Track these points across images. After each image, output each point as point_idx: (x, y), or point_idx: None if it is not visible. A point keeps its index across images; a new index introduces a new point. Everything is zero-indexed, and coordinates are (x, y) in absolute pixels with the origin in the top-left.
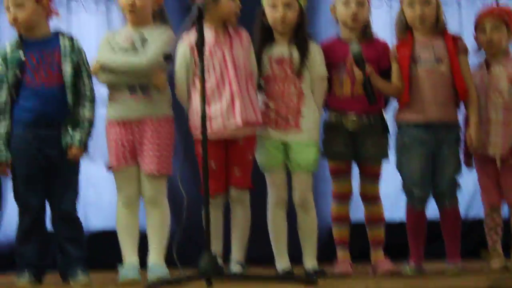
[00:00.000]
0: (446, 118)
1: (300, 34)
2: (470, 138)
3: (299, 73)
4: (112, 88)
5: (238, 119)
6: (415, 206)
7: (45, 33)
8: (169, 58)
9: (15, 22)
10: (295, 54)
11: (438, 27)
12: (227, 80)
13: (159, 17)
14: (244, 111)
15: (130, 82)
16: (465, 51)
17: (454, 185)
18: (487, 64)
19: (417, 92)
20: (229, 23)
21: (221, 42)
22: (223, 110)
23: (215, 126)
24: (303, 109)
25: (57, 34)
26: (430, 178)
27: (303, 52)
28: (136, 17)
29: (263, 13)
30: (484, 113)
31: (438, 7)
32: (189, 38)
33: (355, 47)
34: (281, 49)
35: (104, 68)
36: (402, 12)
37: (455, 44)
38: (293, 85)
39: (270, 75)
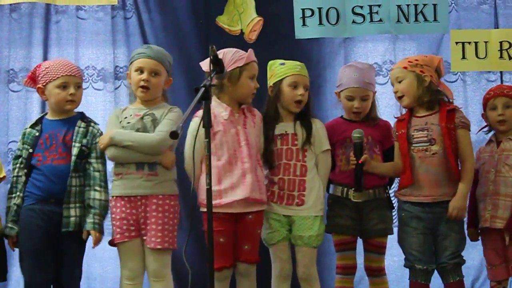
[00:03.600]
0: (440, 198)
1: (306, 112)
2: (451, 205)
3: (303, 148)
4: (119, 164)
5: (247, 192)
6: (417, 279)
7: (68, 113)
8: (175, 135)
9: (71, 101)
10: (299, 130)
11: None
12: (239, 157)
13: (163, 96)
14: (254, 187)
15: (139, 159)
16: (463, 124)
17: (457, 260)
18: (497, 140)
19: (413, 172)
20: (244, 103)
21: (235, 120)
22: (233, 185)
23: (225, 200)
24: (307, 184)
25: (78, 116)
26: (431, 252)
27: (308, 128)
28: (149, 96)
29: (278, 91)
30: (493, 187)
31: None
32: (200, 113)
33: (356, 134)
34: (285, 125)
35: (114, 143)
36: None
37: (452, 119)
38: (296, 160)
39: (275, 150)
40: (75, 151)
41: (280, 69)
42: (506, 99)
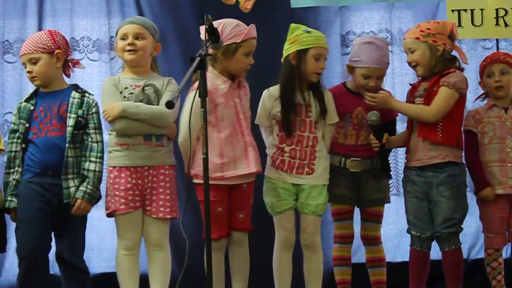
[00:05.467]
0: (428, 161)
1: (318, 82)
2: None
3: (318, 120)
4: (125, 135)
5: (253, 167)
6: (414, 245)
7: (59, 86)
8: (171, 105)
9: (33, 78)
10: (312, 101)
11: None
12: (239, 130)
13: (154, 66)
14: (257, 160)
15: (148, 131)
16: (446, 83)
17: (452, 229)
18: (504, 108)
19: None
20: (237, 76)
21: (233, 93)
22: (236, 158)
23: (228, 173)
24: (317, 154)
25: (71, 87)
26: (426, 218)
27: (321, 101)
28: (137, 60)
29: (301, 60)
30: (503, 154)
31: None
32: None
33: (373, 117)
34: (298, 96)
35: (126, 116)
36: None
37: (438, 82)
38: (309, 132)
39: (295, 119)
40: (70, 122)
41: (307, 38)
42: (502, 65)
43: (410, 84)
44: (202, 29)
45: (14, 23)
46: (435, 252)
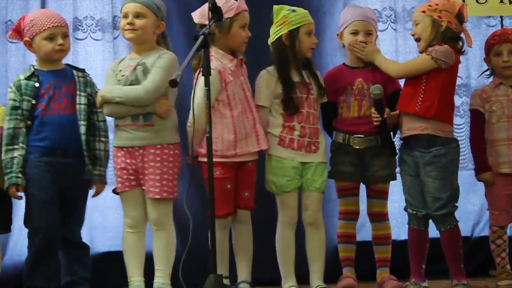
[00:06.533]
0: (407, 132)
1: (309, 61)
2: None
3: (320, 96)
4: (114, 117)
5: (263, 144)
6: (411, 223)
7: (59, 64)
8: (174, 83)
9: (61, 51)
10: (312, 79)
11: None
12: (247, 107)
13: (163, 43)
14: (263, 136)
15: (132, 112)
16: (427, 51)
17: (443, 208)
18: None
19: None
20: (237, 52)
21: (238, 71)
22: (247, 135)
23: (239, 150)
24: (319, 132)
25: (69, 67)
26: (421, 197)
27: (316, 78)
28: (136, 38)
29: (294, 39)
30: (511, 133)
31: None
32: (216, 63)
33: (375, 90)
34: (297, 74)
35: (105, 101)
36: None
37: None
38: (314, 109)
39: (296, 97)
40: (82, 100)
41: (295, 16)
42: (511, 45)
43: None
44: (194, 14)
45: (17, 3)
46: (435, 230)
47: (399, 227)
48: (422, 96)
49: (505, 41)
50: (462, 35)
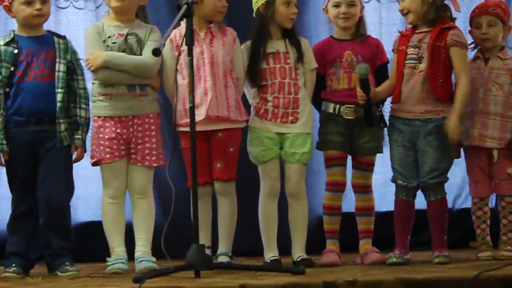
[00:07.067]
0: (421, 116)
1: (293, 29)
2: (447, 128)
3: (295, 67)
4: (107, 85)
5: (203, 112)
6: (400, 194)
7: (41, 31)
8: (158, 53)
9: (39, 16)
10: (290, 48)
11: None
12: (202, 76)
13: (142, 15)
14: (215, 105)
15: (132, 81)
16: (457, 42)
17: (438, 180)
18: (485, 58)
19: (402, 88)
20: (213, 21)
21: (199, 39)
22: (197, 104)
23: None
24: (300, 102)
25: (50, 33)
26: (412, 168)
27: (298, 47)
28: (123, 7)
29: (272, 10)
30: (482, 106)
31: (361, 8)
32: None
33: (363, 69)
34: (275, 44)
35: (108, 64)
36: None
37: (444, 37)
38: (290, 78)
39: (267, 69)
40: (62, 67)
41: None
42: (490, 17)
43: (399, 32)
44: None
45: None
46: (420, 202)
47: (381, 199)
48: (441, 80)
49: (484, 13)
50: (447, 1)
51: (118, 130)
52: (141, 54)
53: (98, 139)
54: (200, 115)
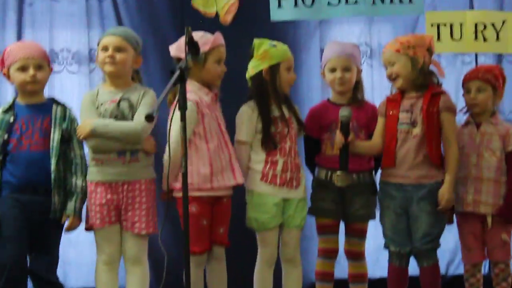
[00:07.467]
0: (415, 181)
1: (288, 96)
2: (442, 197)
3: (300, 131)
4: (99, 151)
5: (239, 178)
6: (393, 261)
7: (40, 98)
8: (151, 118)
9: (32, 82)
10: (291, 114)
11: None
12: (223, 141)
13: (137, 78)
14: (239, 171)
15: (121, 147)
16: (448, 108)
17: (430, 245)
18: (477, 123)
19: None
20: (214, 86)
21: (213, 105)
22: (223, 168)
23: (216, 184)
24: (300, 166)
25: (51, 101)
26: (405, 234)
27: (295, 112)
28: (116, 72)
29: (275, 75)
30: (476, 171)
31: (358, 72)
32: (193, 96)
33: (344, 112)
34: (277, 108)
35: (95, 133)
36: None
37: (436, 102)
38: (294, 143)
39: (277, 133)
40: (56, 135)
41: (276, 52)
42: (479, 82)
43: (386, 96)
44: (172, 47)
45: None
46: (412, 268)
47: (374, 264)
48: (434, 144)
49: (474, 78)
50: (432, 67)
51: (109, 196)
52: (132, 119)
53: (90, 205)
54: (230, 181)
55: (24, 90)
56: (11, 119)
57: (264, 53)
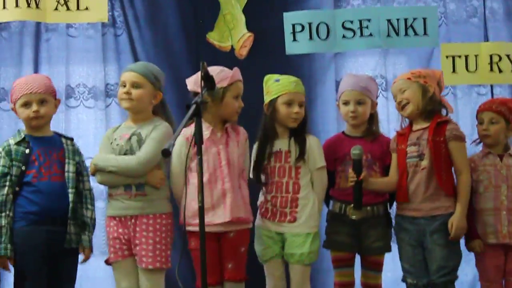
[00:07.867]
0: (429, 213)
1: (301, 128)
2: (452, 226)
3: (296, 165)
4: (106, 185)
5: (228, 215)
6: None
7: (46, 132)
8: (167, 153)
9: (36, 117)
10: (293, 147)
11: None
12: (219, 177)
13: (162, 111)
14: (235, 207)
15: (125, 181)
16: (456, 137)
17: (447, 278)
18: (497, 154)
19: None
20: (229, 121)
21: (216, 139)
22: (214, 204)
23: (206, 219)
24: (300, 201)
25: (57, 135)
26: (422, 266)
27: (301, 145)
28: (133, 108)
29: (273, 109)
30: (508, 202)
31: (373, 105)
32: (185, 131)
33: (356, 151)
34: (280, 143)
35: (98, 170)
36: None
37: (442, 132)
38: (289, 177)
39: (268, 168)
40: (71, 168)
41: (275, 87)
42: (492, 114)
43: (396, 131)
44: (189, 81)
45: (10, 71)
46: None
47: None
48: (444, 174)
49: (488, 110)
50: None
51: (120, 230)
52: None
53: (107, 239)
54: (219, 216)
55: (30, 125)
56: (27, 151)
57: (267, 89)
